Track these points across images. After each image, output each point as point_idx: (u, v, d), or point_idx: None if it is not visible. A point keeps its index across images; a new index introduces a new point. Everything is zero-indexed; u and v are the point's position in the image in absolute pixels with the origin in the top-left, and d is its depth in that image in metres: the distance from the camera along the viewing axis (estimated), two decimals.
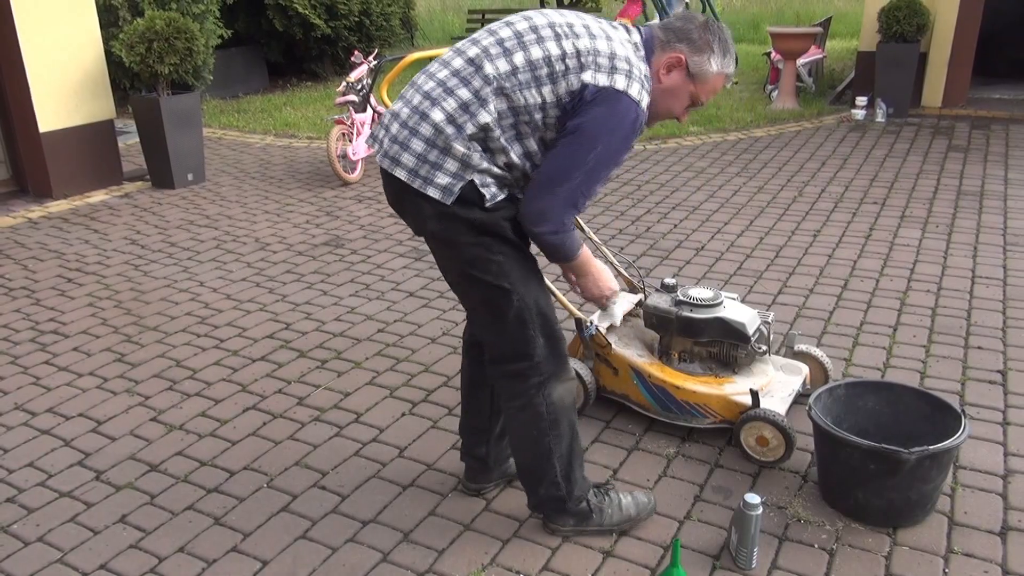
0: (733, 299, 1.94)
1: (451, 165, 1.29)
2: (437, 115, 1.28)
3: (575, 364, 1.92)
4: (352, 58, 4.29)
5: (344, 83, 4.10)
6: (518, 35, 1.29)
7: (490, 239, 1.34)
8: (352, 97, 4.07)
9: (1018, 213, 3.39)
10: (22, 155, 3.96)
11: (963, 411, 1.56)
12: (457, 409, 2.04)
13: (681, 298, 1.89)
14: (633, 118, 1.26)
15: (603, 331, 1.90)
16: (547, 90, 1.26)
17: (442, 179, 1.29)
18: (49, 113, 3.84)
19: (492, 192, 1.31)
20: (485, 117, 1.26)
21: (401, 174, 1.31)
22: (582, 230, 1.83)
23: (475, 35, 1.34)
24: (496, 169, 1.30)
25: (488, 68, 1.27)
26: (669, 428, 1.89)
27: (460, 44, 1.34)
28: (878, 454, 1.48)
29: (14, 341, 2.49)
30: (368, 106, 4.14)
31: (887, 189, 3.78)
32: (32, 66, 3.73)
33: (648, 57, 1.33)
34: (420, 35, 9.82)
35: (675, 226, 3.37)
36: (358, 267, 3.03)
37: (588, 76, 1.25)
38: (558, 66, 1.26)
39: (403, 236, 3.36)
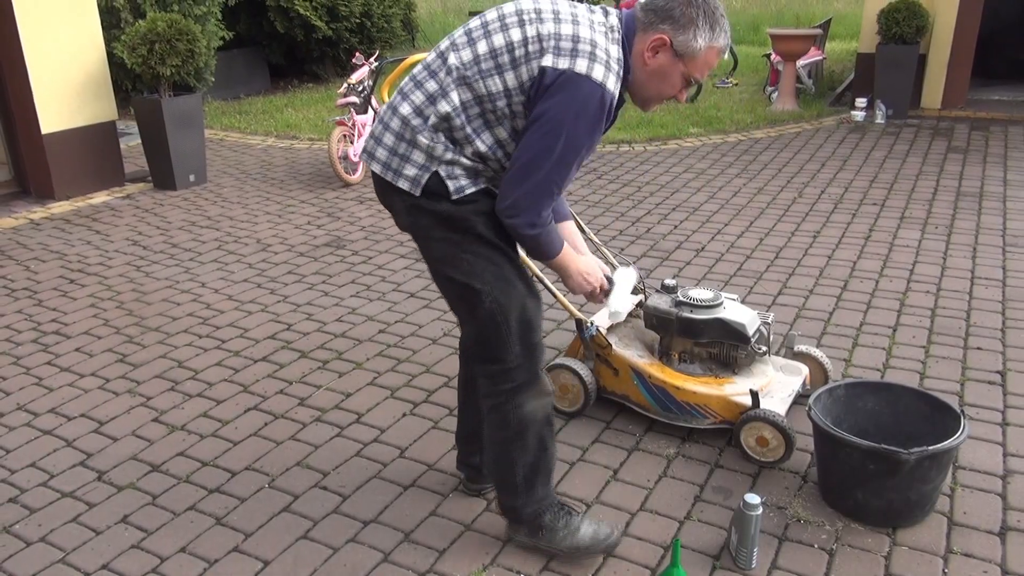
0: (733, 300, 1.95)
1: (418, 156, 1.29)
2: (405, 108, 1.30)
3: (576, 364, 1.93)
4: (353, 60, 4.31)
5: (345, 85, 4.11)
6: (485, 24, 1.28)
7: (459, 236, 1.32)
8: (353, 99, 4.08)
9: (1017, 214, 3.39)
10: (24, 156, 3.97)
11: (962, 412, 1.56)
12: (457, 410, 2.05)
13: (681, 299, 1.90)
14: (598, 101, 1.22)
15: (603, 332, 1.91)
16: (509, 76, 1.24)
17: (410, 171, 1.30)
18: (51, 114, 3.85)
19: (459, 184, 1.30)
20: (445, 106, 1.26)
21: (376, 168, 1.33)
22: (583, 230, 1.82)
23: (455, 30, 1.36)
24: (465, 160, 1.29)
25: (452, 58, 1.27)
26: (669, 428, 1.90)
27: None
28: (878, 454, 1.48)
29: (16, 342, 2.49)
30: (369, 107, 4.15)
31: (886, 190, 3.79)
32: (34, 68, 3.74)
33: (629, 40, 1.29)
34: (421, 37, 9.84)
35: (675, 227, 3.38)
36: (359, 268, 3.03)
37: (547, 60, 1.22)
38: (519, 52, 1.24)
39: (404, 237, 3.36)
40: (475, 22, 1.31)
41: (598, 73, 1.22)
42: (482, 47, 1.27)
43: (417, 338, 2.45)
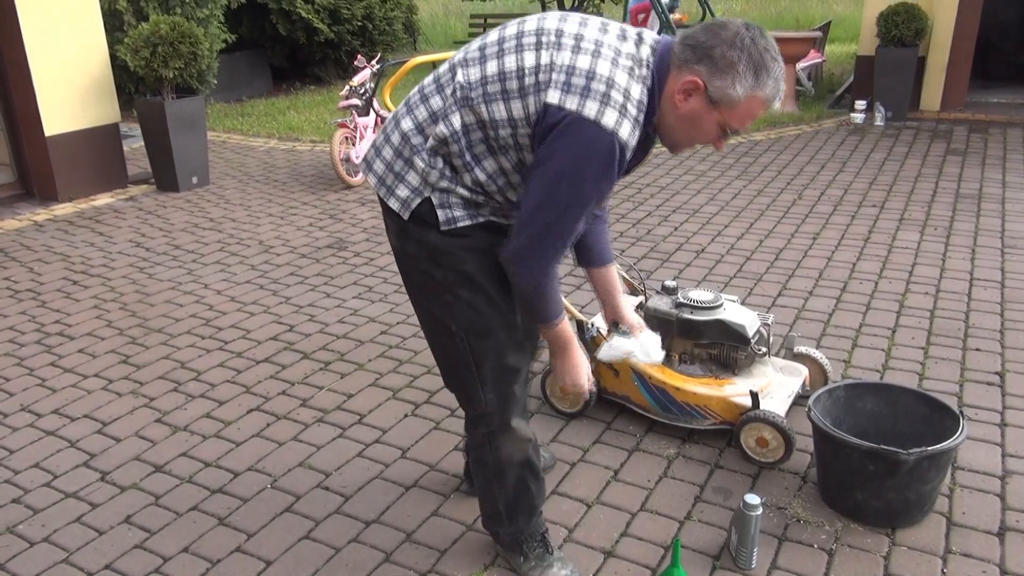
0: (733, 301, 1.96)
1: (412, 178, 1.20)
2: (407, 123, 1.21)
3: None
4: (355, 62, 4.32)
5: (347, 87, 4.13)
6: (500, 41, 1.16)
7: (443, 272, 1.22)
8: (355, 101, 4.10)
9: (1016, 216, 3.40)
10: (28, 158, 3.98)
11: (961, 412, 1.57)
12: (459, 410, 2.06)
13: (681, 300, 1.91)
14: (606, 150, 1.08)
15: (603, 333, 1.92)
16: (515, 105, 1.12)
17: (402, 191, 1.21)
18: (55, 117, 3.86)
19: (451, 215, 1.19)
20: (444, 129, 1.16)
21: (372, 180, 1.26)
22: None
23: (471, 41, 1.24)
24: (463, 190, 1.19)
25: (459, 75, 1.16)
26: (669, 429, 1.90)
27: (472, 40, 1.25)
28: (877, 455, 1.49)
29: (20, 343, 2.50)
30: (371, 110, 4.16)
31: (886, 192, 3.79)
32: (38, 70, 3.76)
33: (662, 77, 1.13)
34: (423, 39, 9.87)
35: (676, 229, 3.39)
36: (361, 269, 3.04)
37: (553, 96, 1.09)
38: (528, 80, 1.11)
39: None
40: (492, 36, 1.18)
41: (609, 119, 1.08)
42: (491, 67, 1.14)
43: (419, 339, 2.46)
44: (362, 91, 4.11)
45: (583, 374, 1.33)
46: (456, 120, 1.16)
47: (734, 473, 1.76)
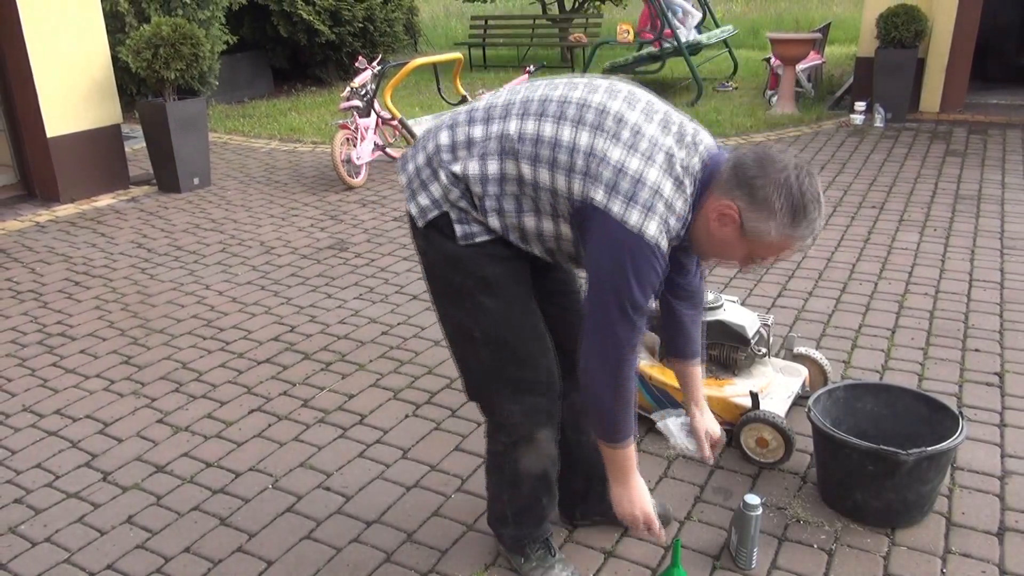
0: (733, 302, 1.96)
1: (435, 190, 1.19)
2: (444, 137, 1.19)
3: None
4: (356, 64, 4.34)
5: (348, 88, 4.14)
6: (563, 103, 1.13)
7: (463, 278, 1.20)
8: (356, 102, 4.11)
9: (1015, 217, 3.40)
10: (30, 160, 3.99)
11: (961, 413, 1.57)
12: (460, 410, 2.06)
13: None
14: (648, 256, 1.08)
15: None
16: (561, 178, 1.11)
17: (423, 200, 1.21)
18: (56, 118, 3.87)
19: (468, 231, 1.19)
20: (475, 168, 1.14)
21: (401, 179, 1.26)
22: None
23: (548, 81, 1.19)
24: (478, 217, 1.18)
25: (513, 124, 1.13)
26: None
27: (534, 83, 1.20)
28: (877, 455, 1.49)
29: (22, 344, 2.51)
30: (372, 111, 4.18)
31: (885, 193, 3.80)
32: (40, 72, 3.77)
33: (703, 192, 1.12)
34: (423, 41, 9.88)
35: None
36: (362, 270, 3.05)
37: (600, 194, 1.08)
38: (580, 161, 1.09)
39: (406, 240, 3.38)
40: (556, 94, 1.14)
41: (650, 229, 1.08)
42: (547, 130, 1.12)
43: (420, 340, 2.46)
44: (363, 92, 4.13)
45: (638, 507, 1.26)
46: (493, 167, 1.14)
47: (734, 473, 1.76)
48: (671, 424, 1.48)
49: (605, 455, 1.25)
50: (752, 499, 1.43)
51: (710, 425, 1.46)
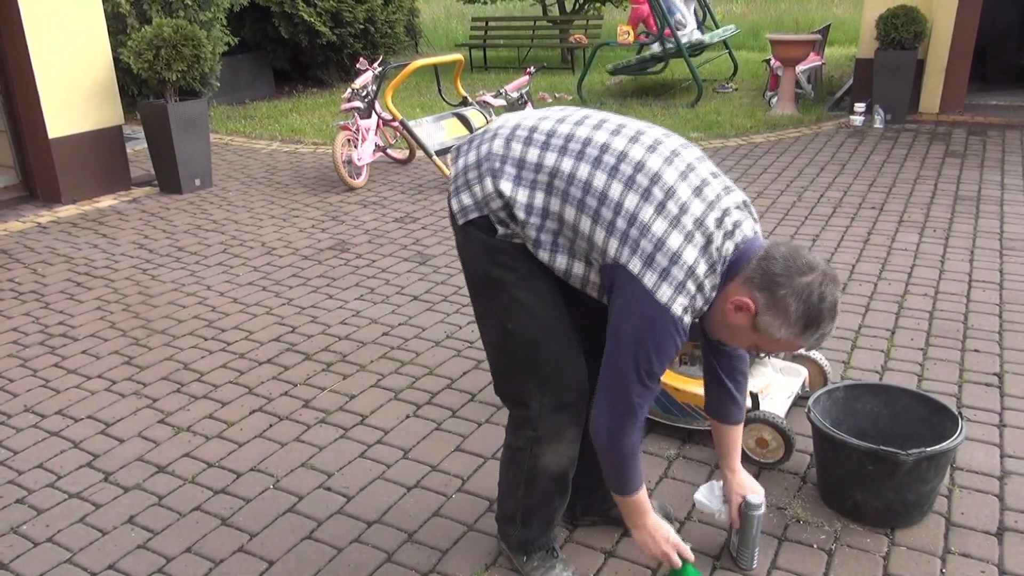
0: None
1: (477, 192, 1.20)
2: (497, 145, 1.20)
3: None
4: (357, 65, 4.35)
5: (349, 89, 4.15)
6: (603, 150, 1.14)
7: (501, 271, 1.22)
8: (357, 103, 4.12)
9: (1014, 218, 3.41)
10: (32, 160, 4.00)
11: (960, 413, 1.58)
12: (461, 410, 2.07)
13: None
14: (671, 331, 1.11)
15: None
16: (600, 232, 1.12)
17: (465, 199, 1.22)
18: (58, 119, 3.88)
19: (508, 231, 1.20)
20: (523, 197, 1.15)
21: (451, 172, 1.27)
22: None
23: (608, 116, 1.19)
24: (519, 230, 1.19)
25: (566, 163, 1.14)
26: (670, 430, 1.91)
27: (597, 114, 1.21)
28: (876, 456, 1.50)
29: (24, 344, 2.52)
30: (373, 112, 4.18)
31: (885, 194, 3.81)
32: (41, 73, 3.78)
33: (727, 277, 1.13)
34: (424, 42, 9.90)
35: None
36: (363, 271, 3.06)
37: (634, 264, 1.09)
38: (621, 221, 1.11)
39: (407, 241, 3.39)
40: (617, 145, 1.14)
41: (678, 307, 1.10)
42: (598, 180, 1.13)
43: (420, 340, 2.47)
44: (364, 94, 4.13)
45: (661, 542, 1.30)
46: (539, 198, 1.16)
47: None
48: (703, 497, 1.48)
49: (616, 501, 1.29)
50: (754, 499, 1.43)
51: (747, 484, 1.45)
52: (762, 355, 1.19)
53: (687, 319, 1.12)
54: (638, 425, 1.20)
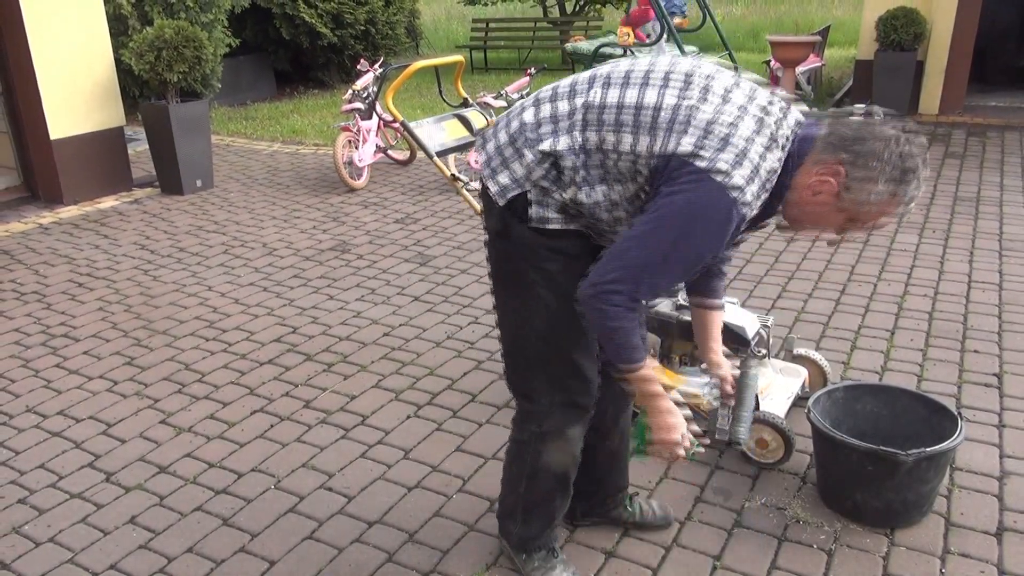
0: (733, 304, 1.97)
1: (517, 168, 1.18)
2: (529, 116, 1.19)
3: None
4: (358, 66, 4.36)
5: (350, 91, 4.16)
6: (648, 71, 1.13)
7: (525, 266, 1.20)
8: (358, 104, 4.13)
9: (1014, 218, 3.41)
10: (33, 162, 4.01)
11: (959, 414, 1.58)
12: (462, 411, 2.07)
13: (682, 303, 1.92)
14: (724, 215, 1.04)
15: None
16: (643, 139, 1.09)
17: (503, 178, 1.19)
18: (60, 120, 3.89)
19: (543, 214, 1.18)
20: (562, 143, 1.13)
21: (480, 159, 1.25)
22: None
23: (618, 63, 1.18)
24: (560, 196, 1.17)
25: (597, 92, 1.13)
26: None
27: (611, 63, 1.19)
28: (876, 456, 1.50)
29: (25, 345, 2.52)
30: (374, 113, 4.19)
31: None
32: (43, 74, 3.79)
33: (797, 162, 1.08)
34: (425, 44, 9.92)
35: None
36: (364, 272, 3.06)
37: (686, 145, 1.05)
38: (664, 118, 1.07)
39: (408, 242, 3.40)
40: (642, 64, 1.15)
41: (735, 184, 1.04)
42: (631, 95, 1.11)
43: (421, 341, 2.47)
44: (365, 95, 4.14)
45: (675, 431, 1.22)
46: (577, 137, 1.14)
47: (734, 474, 1.77)
48: (695, 388, 1.45)
49: (626, 379, 1.19)
50: (748, 364, 1.45)
51: (728, 364, 1.44)
52: (854, 236, 1.10)
53: (751, 214, 1.06)
54: (634, 306, 1.10)
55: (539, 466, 1.35)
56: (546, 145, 1.16)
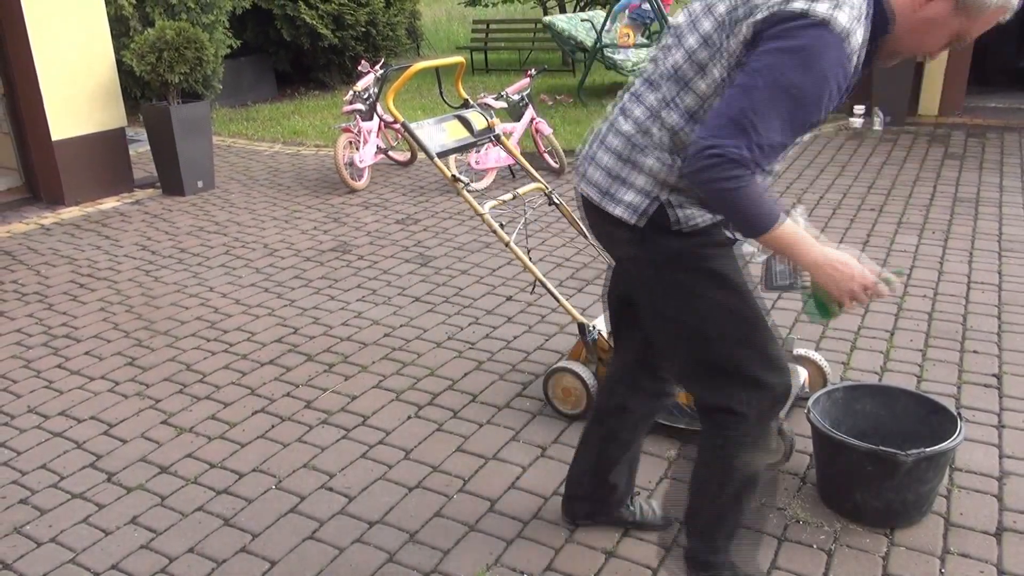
0: None
1: (641, 181, 1.12)
2: (627, 126, 1.13)
3: (579, 368, 1.96)
4: (359, 67, 4.36)
5: (351, 92, 4.16)
6: (692, 13, 1.10)
7: (689, 276, 1.13)
8: (359, 106, 4.13)
9: (1013, 219, 3.42)
10: (35, 163, 4.02)
11: (959, 414, 1.58)
12: (462, 411, 2.08)
13: None
14: (836, 52, 0.96)
15: (605, 336, 1.94)
16: (732, 42, 1.02)
17: (629, 196, 1.12)
18: (61, 121, 3.90)
19: (687, 213, 1.11)
20: (674, 116, 1.06)
21: (590, 191, 1.16)
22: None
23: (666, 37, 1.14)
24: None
25: (670, 60, 1.09)
26: (670, 430, 1.92)
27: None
28: (876, 456, 1.50)
29: (27, 345, 2.53)
30: (374, 114, 4.20)
31: (884, 196, 3.81)
32: (45, 75, 3.80)
33: None
34: (425, 45, 9.93)
35: None
36: (365, 272, 3.07)
37: (769, 3, 0.98)
38: (741, 10, 1.02)
39: (409, 242, 3.40)
40: (682, 18, 1.11)
41: (840, 20, 0.96)
42: (698, 34, 1.06)
43: (422, 341, 2.48)
44: (366, 96, 4.15)
45: (851, 266, 1.05)
46: (680, 105, 1.07)
47: None
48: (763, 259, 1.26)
49: (767, 244, 1.05)
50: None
51: None
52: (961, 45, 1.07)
53: (856, 36, 0.98)
54: (757, 166, 0.98)
55: (733, 469, 1.25)
56: (658, 135, 1.09)
